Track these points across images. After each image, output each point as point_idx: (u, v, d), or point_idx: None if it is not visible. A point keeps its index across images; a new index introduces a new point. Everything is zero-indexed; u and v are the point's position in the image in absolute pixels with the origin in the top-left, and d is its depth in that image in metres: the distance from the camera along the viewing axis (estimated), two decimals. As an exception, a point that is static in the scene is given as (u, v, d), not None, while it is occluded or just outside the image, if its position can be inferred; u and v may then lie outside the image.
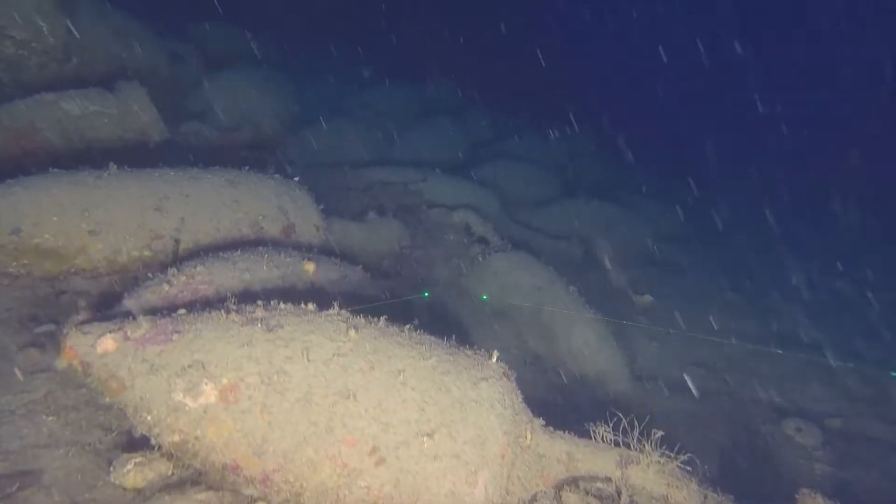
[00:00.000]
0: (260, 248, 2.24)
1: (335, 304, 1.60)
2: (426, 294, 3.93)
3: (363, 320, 1.58)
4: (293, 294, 1.97)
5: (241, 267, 2.02)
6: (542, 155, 7.99)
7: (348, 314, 1.59)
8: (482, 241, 4.14)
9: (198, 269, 1.92)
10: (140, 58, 4.16)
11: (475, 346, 1.68)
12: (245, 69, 5.40)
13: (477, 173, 6.18)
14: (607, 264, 4.90)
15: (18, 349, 1.69)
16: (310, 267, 2.21)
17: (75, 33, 3.29)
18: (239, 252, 2.13)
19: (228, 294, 1.82)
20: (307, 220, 2.87)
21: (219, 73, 5.13)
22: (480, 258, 3.64)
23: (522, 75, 12.23)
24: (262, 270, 2.05)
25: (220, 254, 2.09)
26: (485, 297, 3.36)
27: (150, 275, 1.94)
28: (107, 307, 1.84)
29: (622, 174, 8.96)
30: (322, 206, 3.09)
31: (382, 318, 1.61)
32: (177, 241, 2.29)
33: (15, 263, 1.94)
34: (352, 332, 1.48)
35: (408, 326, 1.61)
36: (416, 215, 4.33)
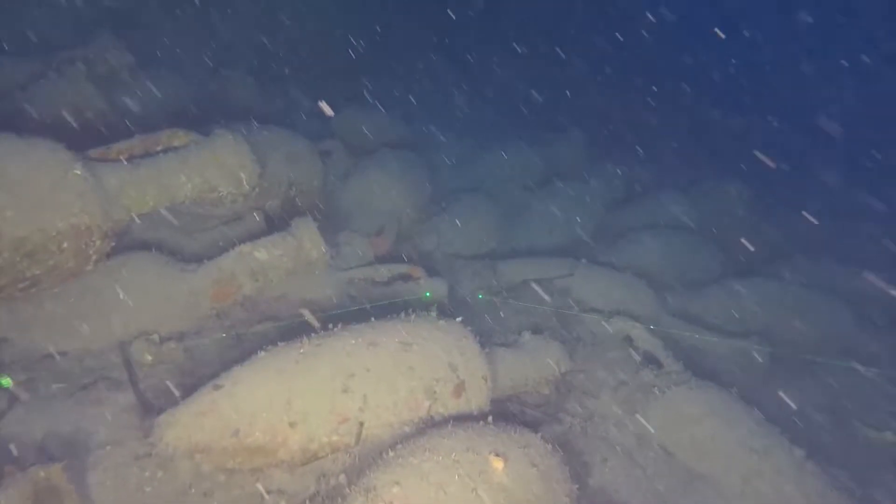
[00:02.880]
0: (443, 439, 2.20)
1: None
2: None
3: None
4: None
5: (432, 481, 1.97)
6: (682, 217, 7.23)
7: None
8: (649, 358, 3.73)
9: (394, 490, 1.91)
10: (303, 173, 4.65)
11: None
12: (383, 162, 5.67)
13: (621, 254, 5.73)
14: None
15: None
16: (498, 464, 2.10)
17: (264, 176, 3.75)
18: (427, 454, 2.09)
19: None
20: (476, 374, 2.81)
21: (361, 170, 5.48)
22: (658, 391, 3.23)
23: (663, 117, 11.47)
24: (453, 481, 1.98)
25: (409, 457, 2.07)
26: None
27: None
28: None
29: (793, 235, 7.65)
30: (480, 338, 3.04)
31: None
32: (361, 424, 2.36)
33: (231, 462, 2.13)
34: None
35: None
36: (569, 325, 4.09)
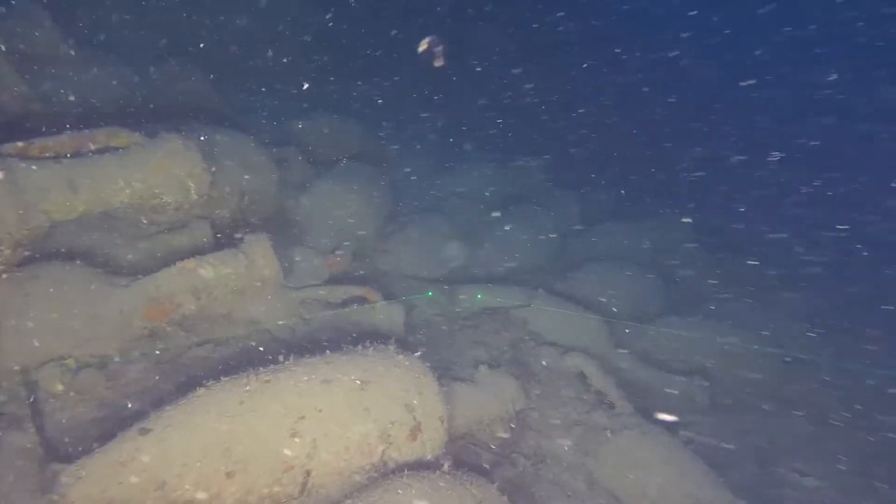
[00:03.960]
0: (397, 494, 2.09)
1: None
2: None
3: None
4: None
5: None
6: (635, 248, 7.59)
7: None
8: (601, 398, 3.81)
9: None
10: (257, 182, 4.40)
11: None
12: (345, 175, 5.51)
13: (573, 282, 5.90)
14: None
15: None
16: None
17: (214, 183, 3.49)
18: (379, 510, 1.98)
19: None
20: (433, 415, 2.72)
21: (320, 182, 5.28)
22: (609, 434, 3.28)
23: (616, 146, 11.93)
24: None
25: (361, 514, 1.95)
26: None
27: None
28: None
29: (737, 274, 8.13)
30: (438, 374, 2.97)
31: None
32: (308, 473, 2.20)
33: (155, 517, 1.90)
34: None
35: None
36: (525, 360, 4.10)
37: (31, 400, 2.22)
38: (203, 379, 2.26)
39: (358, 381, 2.52)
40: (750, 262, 7.96)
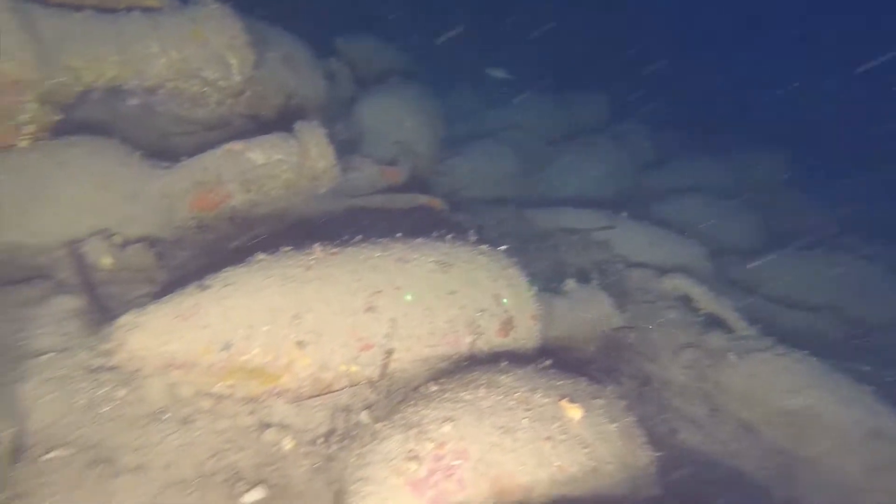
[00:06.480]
0: (501, 375, 1.78)
1: None
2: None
3: None
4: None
5: (494, 423, 1.54)
6: (718, 183, 6.91)
7: None
8: (713, 321, 3.35)
9: (445, 429, 1.48)
10: (305, 85, 4.11)
11: None
12: (397, 89, 5.24)
13: (658, 213, 5.38)
14: None
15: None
16: (575, 413, 1.68)
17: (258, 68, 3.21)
18: (482, 389, 1.67)
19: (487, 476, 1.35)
20: (524, 311, 2.38)
21: (370, 94, 5.01)
22: (734, 357, 2.84)
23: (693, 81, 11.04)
24: (520, 425, 1.56)
25: (460, 392, 1.65)
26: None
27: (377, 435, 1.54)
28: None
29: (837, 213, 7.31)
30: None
31: None
32: (389, 354, 1.92)
33: (219, 384, 1.68)
34: None
35: None
36: (617, 280, 3.68)
37: (79, 268, 2.04)
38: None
39: (438, 263, 2.20)
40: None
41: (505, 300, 2.31)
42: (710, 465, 2.32)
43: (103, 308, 1.89)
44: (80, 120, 2.52)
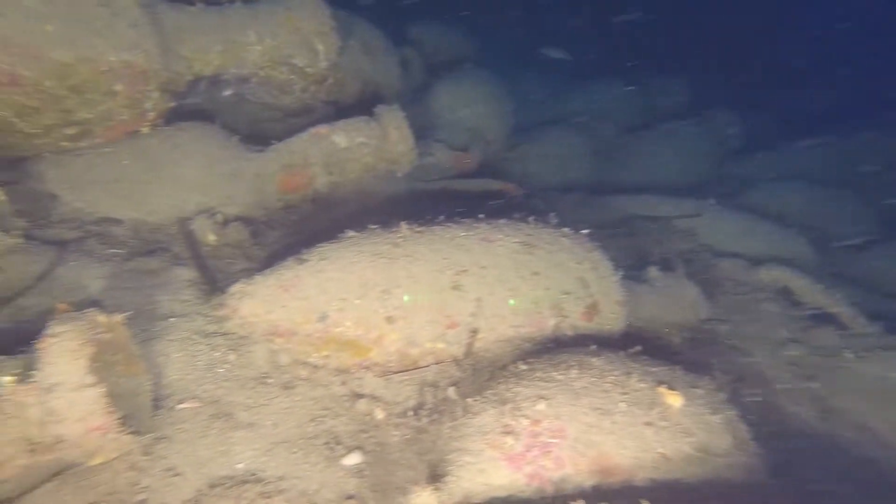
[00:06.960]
0: (593, 358, 1.72)
1: None
2: None
3: None
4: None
5: (590, 404, 1.50)
6: (814, 169, 6.28)
7: None
8: (820, 317, 3.07)
9: (539, 406, 1.46)
10: (381, 72, 4.20)
11: None
12: (469, 76, 5.21)
13: (748, 200, 5.00)
14: None
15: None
16: (675, 400, 1.60)
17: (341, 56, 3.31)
18: (574, 370, 1.63)
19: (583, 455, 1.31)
20: (609, 296, 2.30)
21: (443, 81, 5.03)
22: (851, 355, 2.58)
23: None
24: (618, 408, 1.51)
25: (552, 372, 1.61)
26: None
27: (469, 408, 1.55)
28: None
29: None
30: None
31: None
32: (475, 333, 1.92)
33: (315, 353, 1.76)
34: None
35: None
36: (704, 270, 3.47)
37: (191, 243, 2.22)
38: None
39: (522, 244, 2.17)
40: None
41: (590, 284, 2.24)
42: (823, 471, 2.13)
43: (214, 278, 2.04)
44: (188, 107, 2.73)
